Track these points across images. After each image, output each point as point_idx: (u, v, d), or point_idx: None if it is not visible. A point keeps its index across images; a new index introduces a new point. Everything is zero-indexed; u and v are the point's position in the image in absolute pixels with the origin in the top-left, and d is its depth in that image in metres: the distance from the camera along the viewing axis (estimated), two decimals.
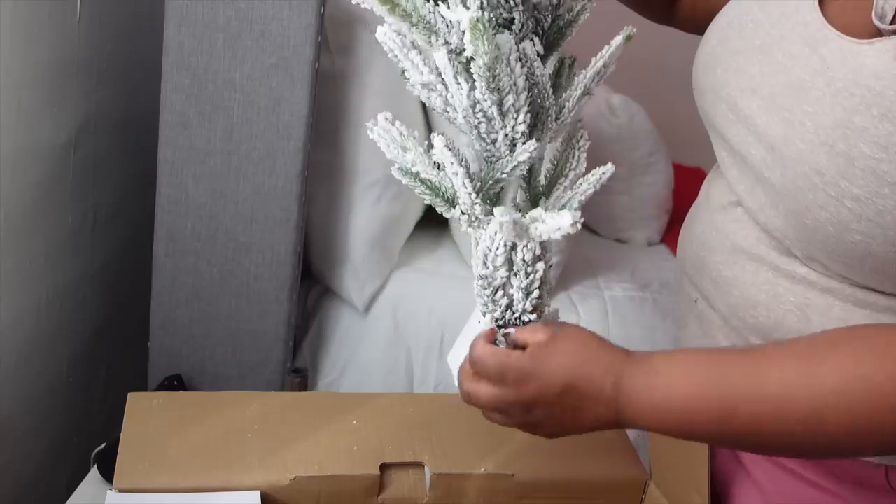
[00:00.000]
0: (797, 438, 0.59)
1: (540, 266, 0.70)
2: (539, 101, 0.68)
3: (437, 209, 0.70)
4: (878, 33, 0.63)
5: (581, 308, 1.40)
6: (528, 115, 0.66)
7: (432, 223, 1.51)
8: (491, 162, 0.68)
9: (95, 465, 1.10)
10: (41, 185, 1.16)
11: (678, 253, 0.85)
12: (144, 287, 1.26)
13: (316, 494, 0.79)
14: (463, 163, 0.66)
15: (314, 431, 0.83)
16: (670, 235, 1.76)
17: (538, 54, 0.67)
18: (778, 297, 0.70)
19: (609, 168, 0.71)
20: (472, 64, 0.63)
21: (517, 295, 0.70)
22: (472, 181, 0.67)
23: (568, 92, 0.70)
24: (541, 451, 0.84)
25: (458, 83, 0.65)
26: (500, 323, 0.71)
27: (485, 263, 0.70)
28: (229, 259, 1.22)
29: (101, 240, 1.34)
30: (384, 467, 0.81)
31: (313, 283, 1.43)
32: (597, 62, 0.70)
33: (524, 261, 0.69)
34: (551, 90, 0.68)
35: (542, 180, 0.73)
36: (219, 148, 1.18)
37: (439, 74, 0.66)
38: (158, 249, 1.22)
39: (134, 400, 0.87)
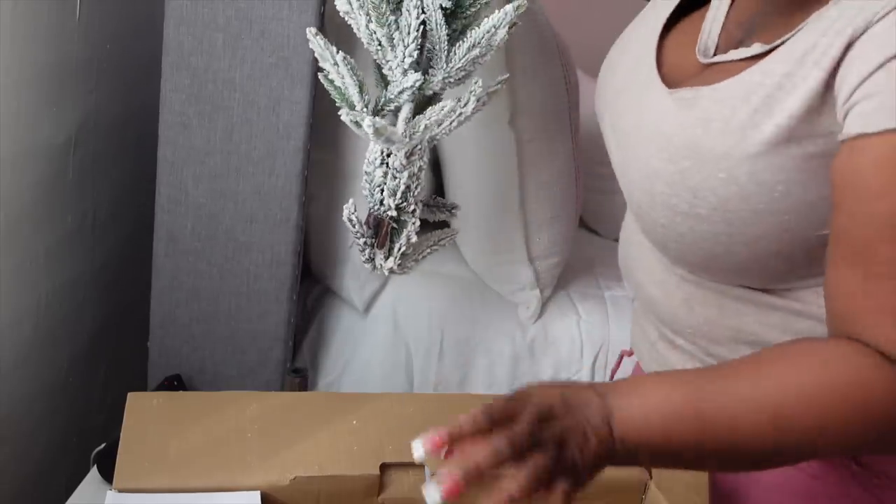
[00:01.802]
0: (772, 442, 0.61)
1: (405, 174, 0.88)
2: (432, 45, 0.85)
3: (341, 111, 0.87)
4: (702, 68, 0.76)
5: (581, 308, 1.40)
6: (417, 52, 0.84)
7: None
8: (387, 84, 0.87)
9: (95, 465, 1.10)
10: (41, 184, 1.16)
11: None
12: (144, 287, 1.26)
13: (316, 494, 0.79)
14: (355, 77, 0.86)
15: (314, 431, 0.83)
16: None
17: (443, 7, 0.83)
18: (669, 294, 0.81)
19: (451, 104, 0.85)
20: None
21: (386, 193, 0.89)
22: (363, 93, 0.86)
23: (459, 43, 0.85)
24: None
25: (360, 15, 0.85)
26: (376, 214, 0.91)
27: (368, 161, 0.90)
28: (229, 259, 1.22)
29: (100, 239, 1.34)
30: (384, 467, 0.80)
31: (313, 283, 1.43)
32: (486, 23, 0.84)
33: (393, 166, 0.89)
34: (444, 38, 0.84)
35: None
36: (219, 148, 1.18)
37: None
38: (158, 249, 1.22)
39: (133, 400, 0.87)
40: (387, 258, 0.95)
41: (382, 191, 0.90)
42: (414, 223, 0.93)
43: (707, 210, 0.69)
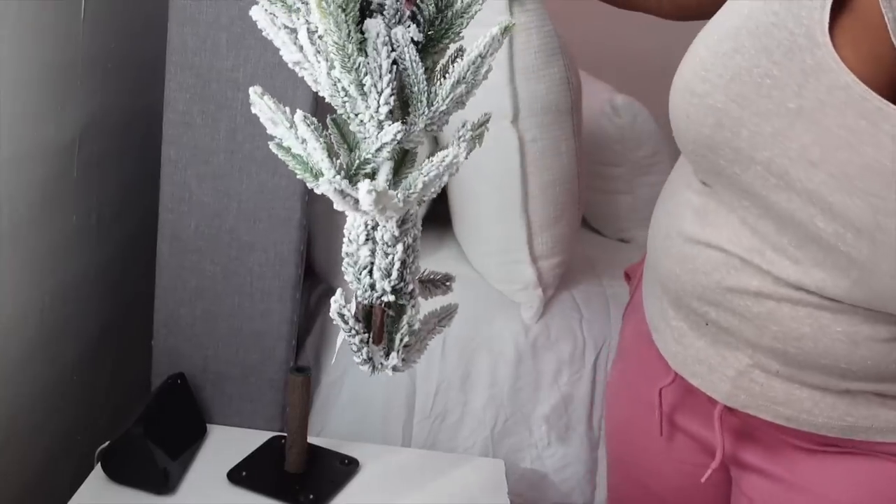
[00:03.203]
0: None
1: (399, 248, 0.73)
2: (409, 86, 0.69)
3: (307, 184, 0.71)
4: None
5: (584, 307, 1.40)
6: (392, 97, 0.67)
7: (435, 223, 1.51)
8: (361, 142, 0.70)
9: (99, 463, 1.11)
10: (45, 184, 1.16)
11: (665, 276, 0.83)
12: (148, 286, 1.27)
13: None
14: (322, 139, 0.69)
15: None
16: None
17: (414, 41, 0.68)
18: (824, 329, 0.70)
19: (452, 152, 0.70)
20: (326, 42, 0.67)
21: (377, 275, 0.73)
22: (333, 157, 0.69)
23: (441, 81, 0.70)
24: None
25: (319, 61, 0.69)
26: (364, 302, 0.74)
27: (349, 240, 0.74)
28: (233, 258, 1.22)
29: (104, 239, 1.35)
30: None
31: (316, 282, 1.43)
32: (471, 52, 0.69)
33: (383, 240, 0.72)
34: (423, 77, 0.68)
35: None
36: (222, 147, 1.19)
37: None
38: (162, 248, 1.23)
39: None
40: (388, 354, 0.77)
41: (371, 273, 0.74)
42: (414, 307, 0.76)
43: None
